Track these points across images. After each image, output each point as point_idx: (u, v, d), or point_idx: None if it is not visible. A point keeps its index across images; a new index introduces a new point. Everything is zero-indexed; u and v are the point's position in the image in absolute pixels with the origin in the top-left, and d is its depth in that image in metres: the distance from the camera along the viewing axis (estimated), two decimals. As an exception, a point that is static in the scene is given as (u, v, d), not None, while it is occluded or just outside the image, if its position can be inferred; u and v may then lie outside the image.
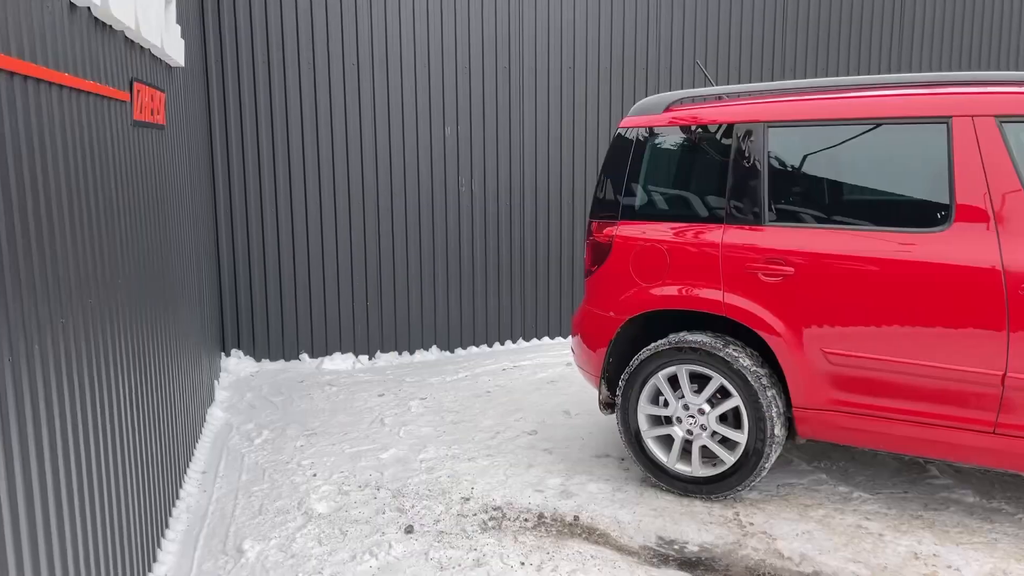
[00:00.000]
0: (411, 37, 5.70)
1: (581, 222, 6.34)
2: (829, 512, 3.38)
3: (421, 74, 5.75)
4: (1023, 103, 3.00)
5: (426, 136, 5.82)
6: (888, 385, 3.15)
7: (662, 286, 3.57)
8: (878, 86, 3.46)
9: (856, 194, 3.40)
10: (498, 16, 5.88)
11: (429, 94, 5.79)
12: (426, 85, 5.77)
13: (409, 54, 5.71)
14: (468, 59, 5.84)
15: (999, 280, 2.91)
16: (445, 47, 5.78)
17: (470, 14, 5.81)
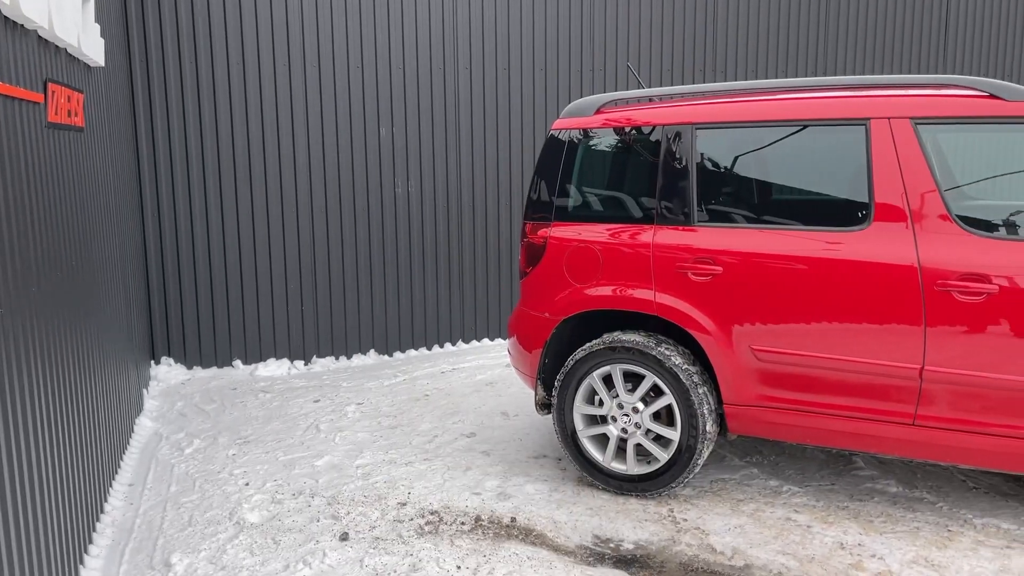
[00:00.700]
0: (343, 35, 5.63)
1: (520, 222, 6.35)
2: (760, 506, 3.45)
3: (355, 74, 5.68)
4: (936, 105, 3.11)
5: (360, 137, 5.76)
6: (814, 380, 3.23)
7: (596, 286, 3.60)
8: (801, 89, 3.55)
9: (782, 194, 3.48)
10: (432, 15, 5.85)
11: (363, 94, 5.73)
12: (359, 85, 5.70)
13: (342, 52, 5.64)
14: (402, 59, 5.80)
15: (916, 277, 3.01)
16: (379, 46, 5.73)
17: (403, 13, 5.76)
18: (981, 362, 2.96)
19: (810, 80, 3.54)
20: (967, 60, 7.82)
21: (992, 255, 2.95)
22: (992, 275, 2.92)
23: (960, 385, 3.00)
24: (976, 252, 2.97)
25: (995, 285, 2.91)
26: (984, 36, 7.87)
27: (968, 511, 3.34)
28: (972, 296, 2.94)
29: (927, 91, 3.21)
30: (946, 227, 3.02)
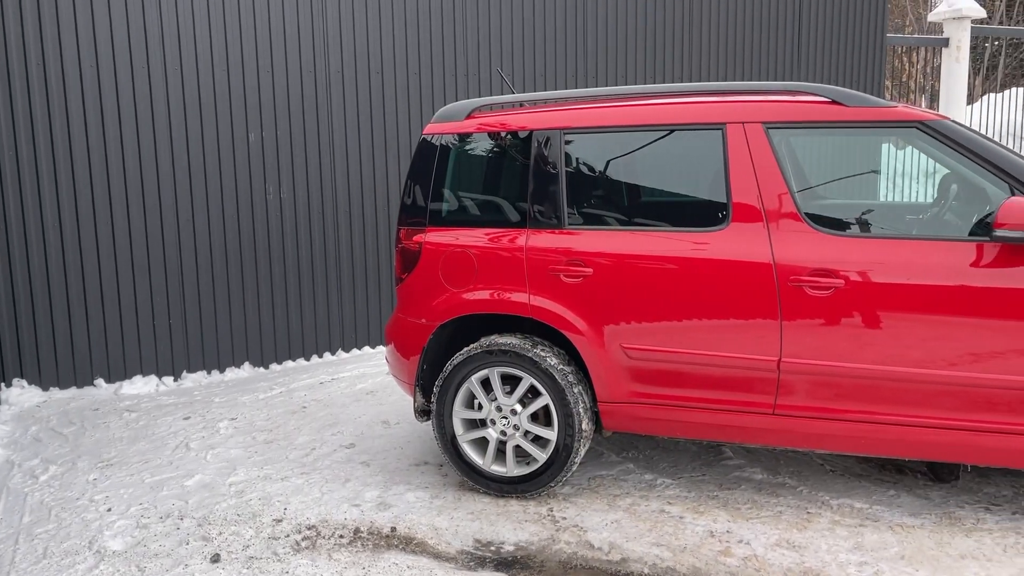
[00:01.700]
0: (206, 37, 5.43)
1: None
2: (635, 500, 3.54)
3: (220, 76, 5.48)
4: (786, 111, 3.29)
5: (228, 142, 5.56)
6: (682, 376, 3.35)
7: (472, 291, 3.60)
8: (664, 95, 3.68)
9: (648, 197, 3.59)
10: (300, 17, 5.72)
11: (229, 97, 5.53)
12: (225, 88, 5.51)
13: (205, 55, 5.43)
14: (271, 62, 5.64)
15: (771, 273, 3.17)
16: (244, 48, 5.55)
17: (270, 14, 5.61)
18: (833, 352, 3.14)
19: (672, 86, 3.67)
20: (817, 67, 8.32)
21: (839, 251, 3.14)
22: (839, 270, 3.11)
23: (815, 375, 3.18)
24: (824, 249, 3.15)
25: (841, 279, 3.10)
26: (832, 44, 8.39)
27: (826, 493, 3.54)
28: (821, 290, 3.12)
29: (777, 97, 3.39)
30: (797, 226, 3.20)
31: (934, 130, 3.12)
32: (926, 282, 3.03)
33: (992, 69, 15.26)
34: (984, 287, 2.97)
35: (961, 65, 9.27)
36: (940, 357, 3.03)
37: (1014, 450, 3.03)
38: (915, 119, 3.15)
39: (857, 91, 3.55)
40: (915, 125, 3.14)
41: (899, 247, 3.13)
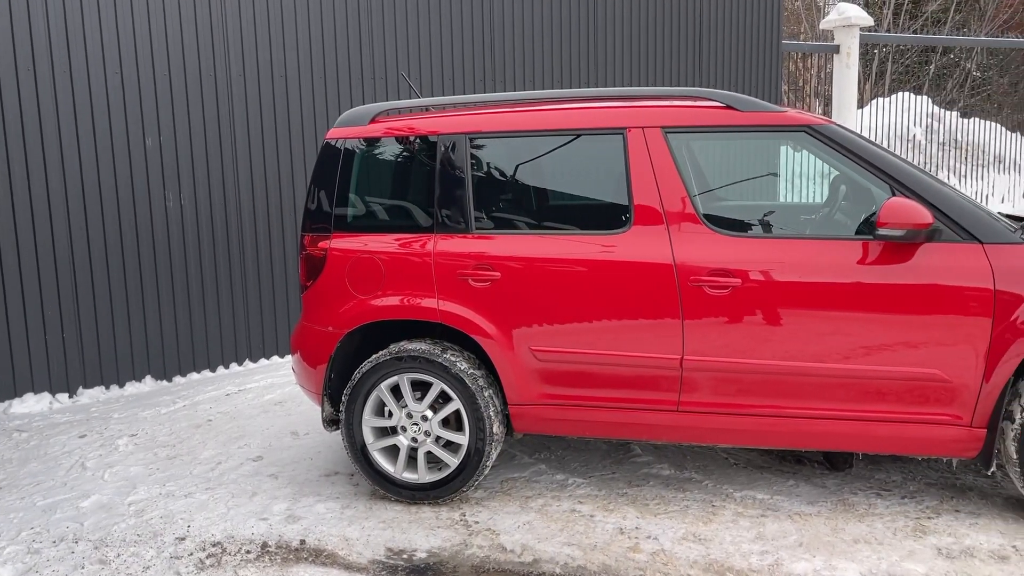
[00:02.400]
0: (97, 37, 5.20)
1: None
2: (547, 501, 3.57)
3: (113, 80, 5.27)
4: (682, 115, 3.38)
5: (123, 147, 5.35)
6: (590, 376, 3.40)
7: (379, 297, 3.57)
8: (567, 100, 3.73)
9: (553, 200, 3.64)
10: (198, 19, 5.55)
11: (124, 102, 5.32)
12: (119, 92, 5.30)
13: (96, 56, 5.21)
14: (167, 64, 5.45)
15: (672, 274, 3.26)
16: (139, 50, 5.35)
17: (166, 15, 5.43)
18: (733, 349, 3.25)
19: (576, 92, 3.73)
20: (718, 72, 8.59)
21: (736, 252, 3.24)
22: (736, 269, 3.21)
23: (716, 371, 3.28)
24: (722, 249, 3.25)
25: (738, 279, 3.20)
26: (731, 50, 8.68)
27: (730, 486, 3.65)
28: (720, 290, 3.22)
29: (675, 102, 3.48)
30: (696, 228, 3.29)
31: (820, 134, 3.27)
32: (818, 280, 3.17)
33: (881, 75, 16.06)
34: (871, 283, 3.12)
35: (851, 71, 9.72)
36: (834, 351, 3.17)
37: (903, 438, 3.19)
38: (803, 123, 3.29)
39: (750, 96, 3.67)
40: (803, 129, 3.28)
41: (793, 246, 3.25)
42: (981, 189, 12.22)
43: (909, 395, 3.15)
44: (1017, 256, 3.01)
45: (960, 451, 3.15)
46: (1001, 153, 12.75)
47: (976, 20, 17.23)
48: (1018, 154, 12.88)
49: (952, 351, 3.06)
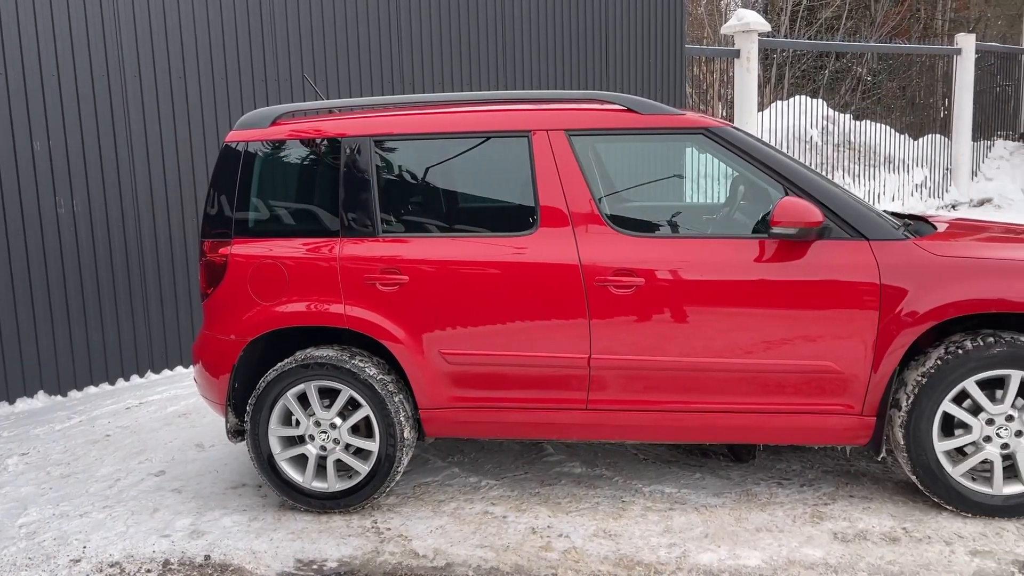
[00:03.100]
0: (-21, 38, 4.93)
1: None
2: (460, 504, 3.57)
3: (-4, 81, 4.99)
4: (585, 118, 3.44)
5: (8, 151, 5.07)
6: (500, 377, 3.41)
7: (283, 303, 3.49)
8: (473, 102, 3.73)
9: (460, 203, 3.64)
10: (88, 16, 5.31)
11: (9, 103, 5.05)
12: (3, 92, 5.02)
13: (-22, 58, 4.93)
14: (56, 64, 5.20)
15: (578, 275, 3.30)
16: (25, 49, 5.08)
17: (53, 11, 5.17)
18: (638, 347, 3.31)
19: (481, 94, 3.74)
20: (625, 76, 8.76)
21: (639, 251, 3.31)
22: (639, 269, 3.28)
23: (623, 369, 3.34)
24: (626, 249, 3.31)
25: (642, 278, 3.27)
26: (637, 54, 8.87)
27: (639, 481, 3.72)
28: (624, 289, 3.28)
29: (578, 105, 3.53)
30: (601, 229, 3.34)
31: (717, 136, 3.37)
32: (717, 277, 3.26)
33: (780, 78, 16.69)
34: (767, 280, 3.23)
35: (751, 75, 10.06)
36: (734, 346, 3.27)
37: (801, 428, 3.31)
38: (701, 126, 3.38)
39: (652, 100, 3.76)
40: (701, 132, 3.38)
41: (694, 246, 3.34)
42: (873, 188, 12.82)
43: (806, 387, 3.27)
44: (900, 252, 3.17)
45: (853, 439, 3.30)
46: (891, 154, 13.42)
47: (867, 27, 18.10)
48: (906, 155, 13.58)
49: (843, 344, 3.19)
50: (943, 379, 3.13)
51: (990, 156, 14.54)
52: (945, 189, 13.59)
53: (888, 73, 17.06)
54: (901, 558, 2.97)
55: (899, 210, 8.45)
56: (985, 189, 13.79)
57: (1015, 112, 15.49)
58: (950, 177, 13.63)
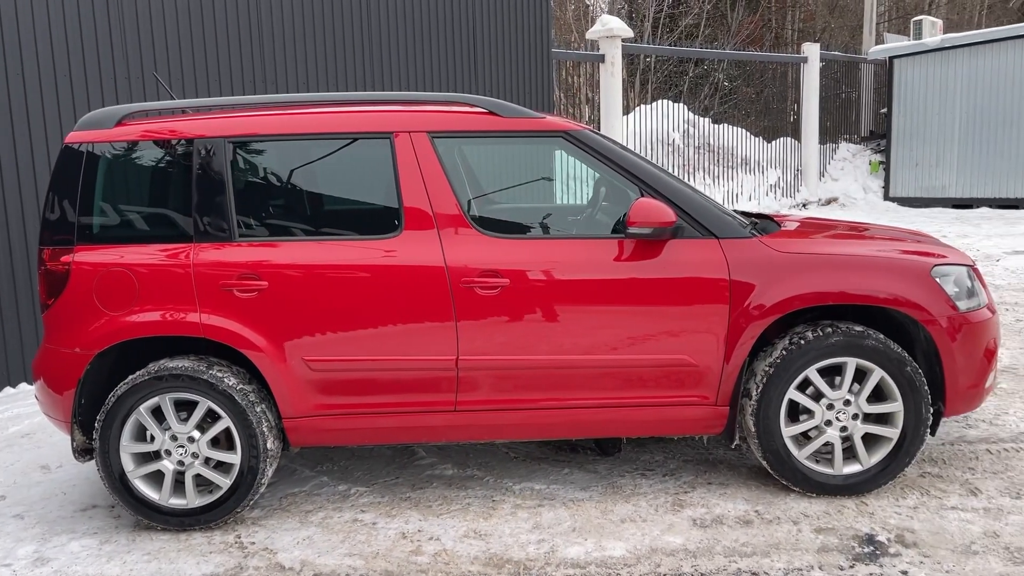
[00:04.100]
0: None
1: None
2: (328, 513, 3.50)
3: None
4: (448, 120, 3.44)
5: None
6: (368, 383, 3.36)
7: (134, 313, 3.31)
8: (334, 103, 3.67)
9: (321, 206, 3.57)
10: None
11: None
12: None
13: None
14: None
15: (444, 277, 3.30)
16: None
17: None
18: (505, 347, 3.34)
19: (342, 95, 3.67)
20: (494, 79, 8.83)
21: (504, 253, 3.34)
22: (504, 270, 3.31)
23: (490, 369, 3.36)
24: (491, 251, 3.34)
25: (507, 278, 3.30)
26: (505, 57, 8.96)
27: (509, 480, 3.76)
28: (489, 290, 3.30)
29: (440, 107, 3.53)
30: (466, 231, 3.35)
31: (576, 139, 3.45)
32: (580, 277, 3.34)
33: (645, 83, 17.28)
34: (626, 278, 3.34)
35: (616, 79, 10.37)
36: (598, 343, 3.35)
37: (661, 420, 3.44)
38: (561, 129, 3.46)
39: (516, 103, 3.81)
40: (561, 135, 3.45)
41: (558, 246, 3.41)
42: (732, 188, 13.49)
43: (665, 380, 3.40)
44: (748, 249, 3.35)
45: (708, 428, 3.46)
46: (747, 156, 14.16)
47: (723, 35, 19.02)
48: (761, 157, 14.37)
49: (697, 337, 3.34)
50: (788, 368, 3.32)
51: (835, 158, 15.60)
52: (796, 189, 14.47)
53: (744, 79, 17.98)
54: (754, 539, 3.14)
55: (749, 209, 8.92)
56: (832, 189, 14.79)
57: (857, 117, 16.68)
58: (800, 178, 14.52)
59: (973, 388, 3.41)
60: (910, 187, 14.21)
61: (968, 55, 13.34)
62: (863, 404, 3.36)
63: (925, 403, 3.33)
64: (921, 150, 13.98)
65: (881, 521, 3.22)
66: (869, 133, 16.52)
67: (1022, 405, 4.42)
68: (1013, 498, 3.36)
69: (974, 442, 3.94)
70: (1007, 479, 3.54)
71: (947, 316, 3.31)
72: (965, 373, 3.36)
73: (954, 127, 13.59)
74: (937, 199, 13.91)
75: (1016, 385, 4.75)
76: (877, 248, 3.49)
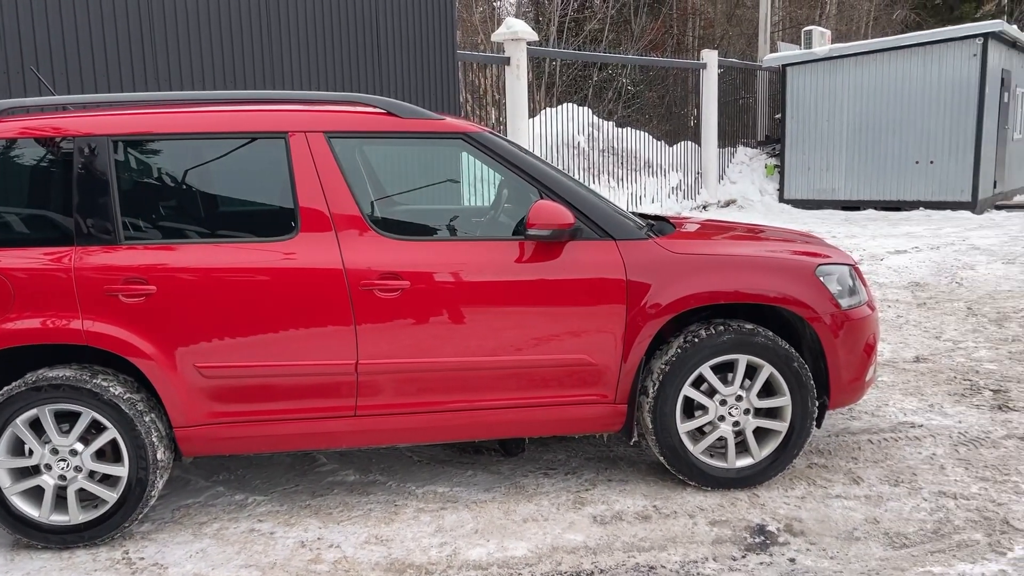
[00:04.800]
0: None
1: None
2: (224, 524, 3.39)
3: None
4: (344, 120, 3.39)
5: None
6: (264, 389, 3.28)
7: (10, 320, 3.13)
8: (226, 101, 3.56)
9: (213, 207, 3.45)
10: None
11: None
12: None
13: None
14: None
15: (343, 280, 3.24)
16: None
17: None
18: (406, 350, 3.31)
19: (235, 93, 3.57)
20: (399, 80, 8.76)
21: (404, 255, 3.31)
22: (404, 272, 3.28)
23: (391, 373, 3.33)
24: (391, 253, 3.31)
25: (407, 281, 3.28)
26: (410, 58, 8.91)
27: (412, 483, 3.73)
28: (390, 292, 3.27)
29: (336, 107, 3.48)
30: (365, 233, 3.31)
31: (476, 141, 3.45)
32: (480, 279, 3.34)
33: (551, 86, 17.49)
34: (527, 280, 3.36)
35: (521, 82, 10.45)
36: (500, 345, 3.36)
37: (562, 419, 3.48)
38: (460, 131, 3.45)
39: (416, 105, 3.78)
40: (460, 136, 3.44)
41: (459, 248, 3.41)
42: (635, 191, 13.78)
43: (567, 380, 3.44)
44: (643, 250, 3.42)
45: (608, 426, 3.52)
46: (650, 159, 14.50)
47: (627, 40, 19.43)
48: (664, 160, 14.74)
49: (596, 337, 3.39)
50: (683, 366, 3.41)
51: (734, 161, 16.15)
52: (697, 191, 14.91)
53: (648, 84, 18.43)
54: (652, 534, 3.21)
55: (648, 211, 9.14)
56: (730, 191, 15.30)
57: (754, 122, 17.32)
58: (701, 180, 14.97)
59: (855, 382, 3.58)
60: (803, 190, 14.84)
61: (854, 64, 14.04)
62: (754, 399, 3.49)
63: (811, 397, 3.49)
64: (812, 154, 14.63)
65: (771, 512, 3.35)
66: (765, 138, 17.18)
67: (901, 396, 4.67)
68: (892, 485, 3.55)
69: (857, 433, 4.15)
70: (887, 467, 3.73)
71: (830, 314, 3.47)
72: (847, 368, 3.53)
73: (842, 133, 14.28)
74: (828, 201, 14.58)
75: (896, 378, 5.02)
76: (768, 249, 3.63)
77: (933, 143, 13.52)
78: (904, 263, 9.02)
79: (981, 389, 4.75)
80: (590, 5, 19.91)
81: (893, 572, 2.89)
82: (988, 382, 4.88)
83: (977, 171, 13.19)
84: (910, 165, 13.76)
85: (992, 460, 3.78)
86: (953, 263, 8.90)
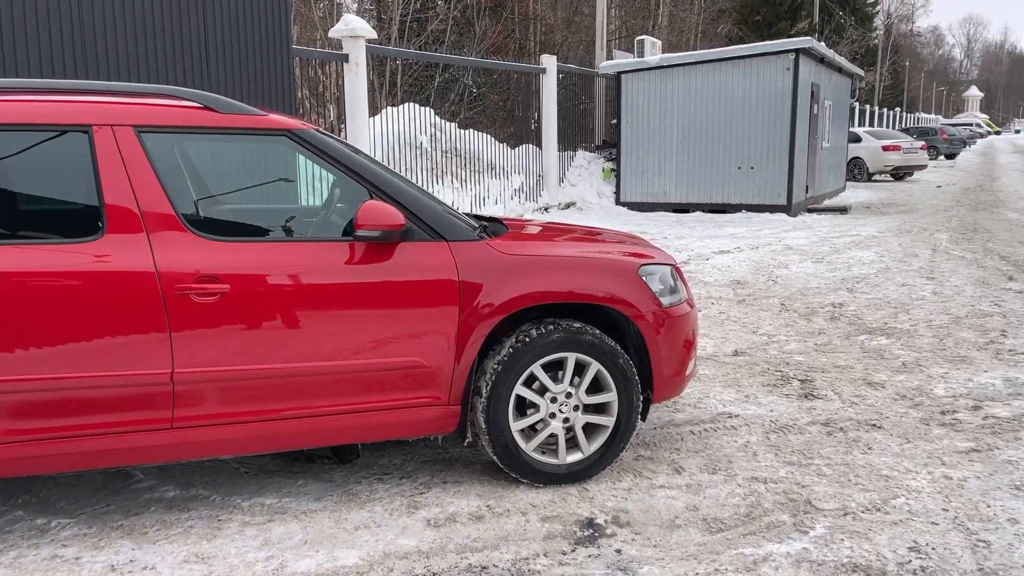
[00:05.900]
0: None
1: None
2: (22, 552, 3.09)
3: None
4: (157, 114, 3.18)
5: None
6: (65, 403, 3.01)
7: None
8: (23, 90, 3.25)
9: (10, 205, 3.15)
10: None
11: None
12: None
13: None
14: None
15: (155, 283, 3.04)
16: None
17: None
18: (227, 357, 3.15)
19: (34, 82, 3.28)
20: (228, 77, 8.38)
21: (224, 257, 3.15)
22: (225, 275, 3.12)
23: (211, 382, 3.15)
24: (210, 255, 3.13)
25: (227, 284, 3.12)
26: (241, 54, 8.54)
27: (238, 496, 3.56)
28: (208, 296, 3.10)
29: (148, 100, 3.26)
30: (179, 233, 3.11)
31: (301, 138, 3.34)
32: (308, 281, 3.23)
33: (394, 85, 17.31)
34: (357, 282, 3.28)
35: (360, 80, 10.26)
36: (329, 349, 3.26)
37: (396, 423, 3.42)
38: (284, 128, 3.33)
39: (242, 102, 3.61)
40: (284, 133, 3.32)
41: (285, 249, 3.28)
42: (479, 192, 13.89)
43: (400, 383, 3.39)
44: (475, 251, 3.43)
45: (442, 428, 3.50)
46: (493, 161, 14.67)
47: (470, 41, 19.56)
48: (506, 162, 14.95)
49: (429, 339, 3.37)
50: (515, 365, 3.45)
51: (574, 164, 16.63)
52: (539, 194, 15.23)
53: (491, 86, 18.63)
54: (485, 534, 3.22)
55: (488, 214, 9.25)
56: (571, 194, 15.74)
57: (592, 126, 17.91)
58: (543, 183, 15.30)
59: (676, 376, 3.76)
60: (638, 193, 15.50)
61: (683, 74, 14.81)
62: (583, 396, 3.58)
63: (636, 392, 3.62)
64: (646, 159, 15.31)
65: (600, 505, 3.45)
66: (603, 142, 17.80)
67: (721, 388, 4.96)
68: (710, 473, 3.75)
69: (680, 424, 4.36)
70: (706, 456, 3.94)
71: (652, 311, 3.62)
72: (668, 362, 3.69)
73: (672, 139, 15.03)
74: (661, 204, 15.30)
75: (717, 371, 5.32)
76: (596, 249, 3.74)
77: (753, 150, 14.49)
78: (727, 262, 9.60)
79: (790, 379, 5.12)
80: (433, 5, 19.89)
81: (709, 556, 3.05)
82: (796, 372, 5.27)
83: (791, 176, 14.26)
84: (733, 170, 14.68)
85: (798, 445, 4.07)
86: (770, 262, 9.57)
